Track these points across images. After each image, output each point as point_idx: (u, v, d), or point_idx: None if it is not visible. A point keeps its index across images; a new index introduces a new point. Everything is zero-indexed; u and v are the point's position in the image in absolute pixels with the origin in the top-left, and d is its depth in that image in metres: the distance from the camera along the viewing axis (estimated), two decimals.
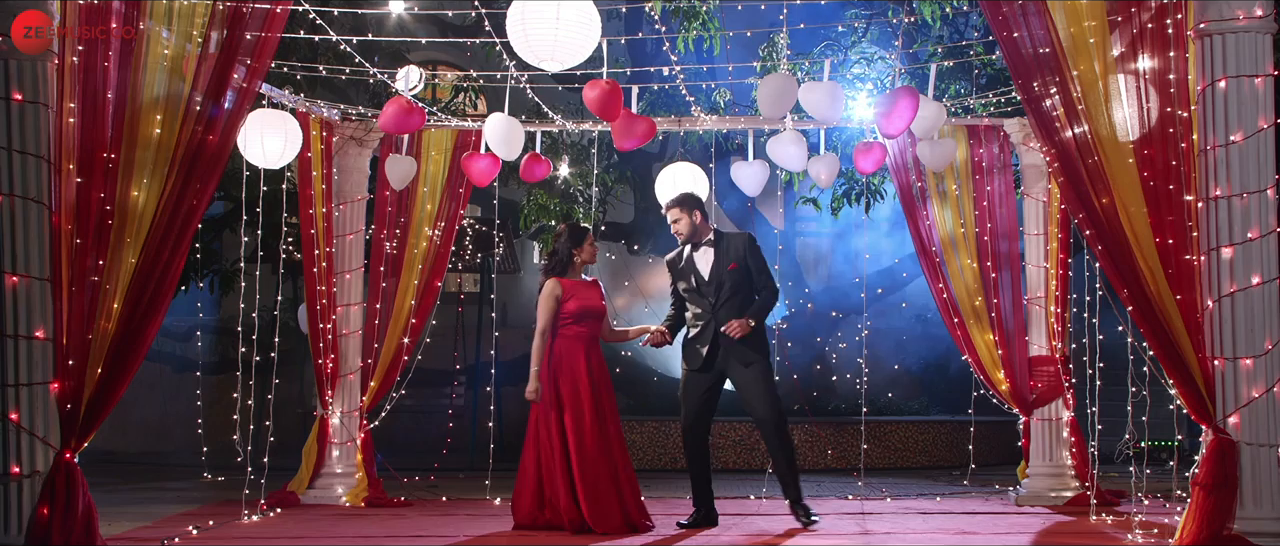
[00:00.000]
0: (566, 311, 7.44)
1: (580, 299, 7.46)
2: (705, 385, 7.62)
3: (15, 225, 5.71)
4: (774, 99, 7.76)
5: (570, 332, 7.44)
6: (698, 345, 7.60)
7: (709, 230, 7.72)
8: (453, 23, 14.77)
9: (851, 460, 11.85)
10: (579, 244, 7.55)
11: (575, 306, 7.44)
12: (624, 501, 7.30)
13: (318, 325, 9.02)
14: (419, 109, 7.85)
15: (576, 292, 7.48)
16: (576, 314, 7.44)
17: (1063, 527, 7.82)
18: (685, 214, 7.67)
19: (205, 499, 9.52)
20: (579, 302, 7.45)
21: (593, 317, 7.49)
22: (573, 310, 7.44)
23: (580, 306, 7.45)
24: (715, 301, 7.55)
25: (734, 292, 7.54)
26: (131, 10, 6.00)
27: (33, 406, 5.72)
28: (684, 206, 7.71)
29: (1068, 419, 9.11)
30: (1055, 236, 9.09)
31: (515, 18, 6.64)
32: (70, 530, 5.72)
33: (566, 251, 7.54)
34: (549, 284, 7.50)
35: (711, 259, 7.62)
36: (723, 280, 7.55)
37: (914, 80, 10.16)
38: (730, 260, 7.57)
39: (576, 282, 7.55)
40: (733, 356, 7.52)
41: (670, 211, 7.75)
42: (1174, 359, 6.16)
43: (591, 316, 7.48)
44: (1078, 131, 6.31)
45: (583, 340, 7.43)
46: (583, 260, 7.57)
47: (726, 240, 7.68)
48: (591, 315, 7.48)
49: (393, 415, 9.72)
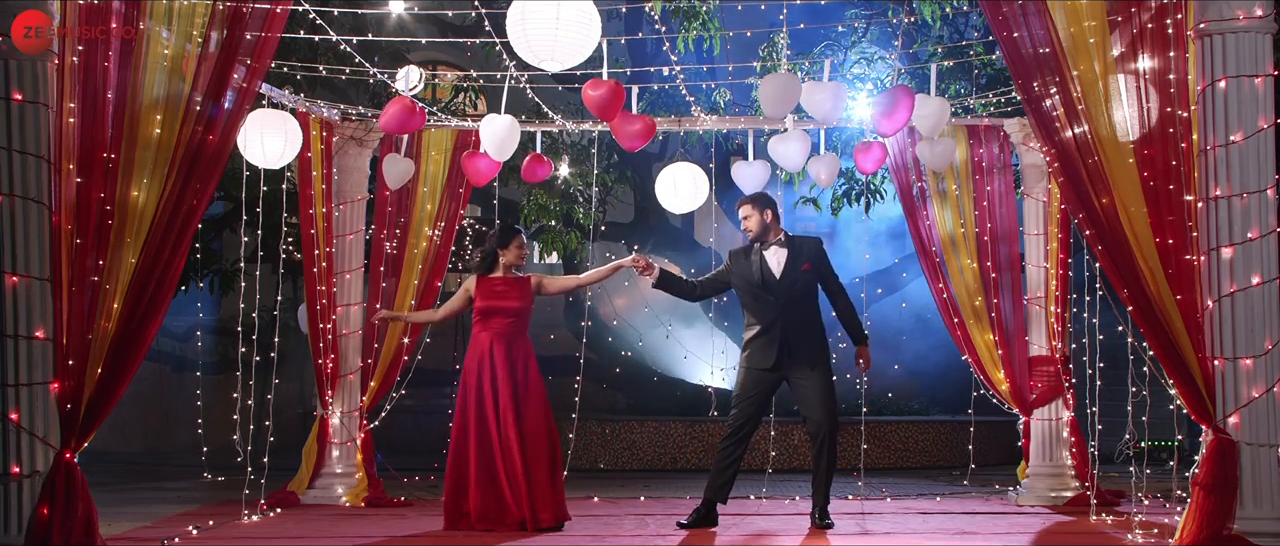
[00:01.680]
0: (476, 308, 7.64)
1: (490, 297, 7.59)
2: (768, 384, 7.61)
3: (15, 225, 5.70)
4: (776, 98, 7.76)
5: (479, 327, 7.61)
6: (764, 343, 7.56)
7: (780, 230, 7.70)
8: (453, 23, 14.76)
9: (851, 460, 11.83)
10: (505, 244, 7.69)
11: (483, 304, 7.60)
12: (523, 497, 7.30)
13: (318, 325, 9.02)
14: (419, 109, 7.85)
15: (490, 290, 7.60)
16: (484, 311, 7.60)
17: (1063, 527, 7.82)
18: (757, 211, 7.66)
19: (205, 499, 9.52)
20: (487, 300, 7.59)
21: (502, 314, 7.58)
22: (481, 307, 7.62)
23: (487, 304, 7.59)
24: (785, 300, 7.54)
25: (805, 293, 7.58)
26: (131, 10, 5.99)
27: (33, 406, 5.72)
28: (756, 204, 7.71)
29: (1068, 419, 9.11)
30: (1055, 236, 9.09)
31: (515, 18, 6.63)
32: (70, 530, 5.71)
33: (492, 250, 7.70)
34: (467, 280, 7.75)
35: (784, 258, 7.59)
36: (795, 279, 7.56)
37: (914, 80, 10.16)
38: (804, 261, 7.58)
39: (496, 279, 7.65)
40: (799, 358, 7.51)
41: (742, 208, 7.73)
42: (1174, 359, 6.16)
43: (500, 314, 7.58)
44: (1078, 131, 6.31)
45: (491, 334, 7.55)
46: (507, 261, 7.68)
47: (798, 242, 7.67)
48: (500, 313, 7.58)
49: (393, 415, 9.72)
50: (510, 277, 7.68)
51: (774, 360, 7.51)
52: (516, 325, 7.60)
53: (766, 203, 7.74)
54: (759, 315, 7.60)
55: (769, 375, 7.57)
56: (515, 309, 7.60)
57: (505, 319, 7.58)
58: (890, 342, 15.76)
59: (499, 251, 7.68)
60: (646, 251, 16.55)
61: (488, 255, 7.71)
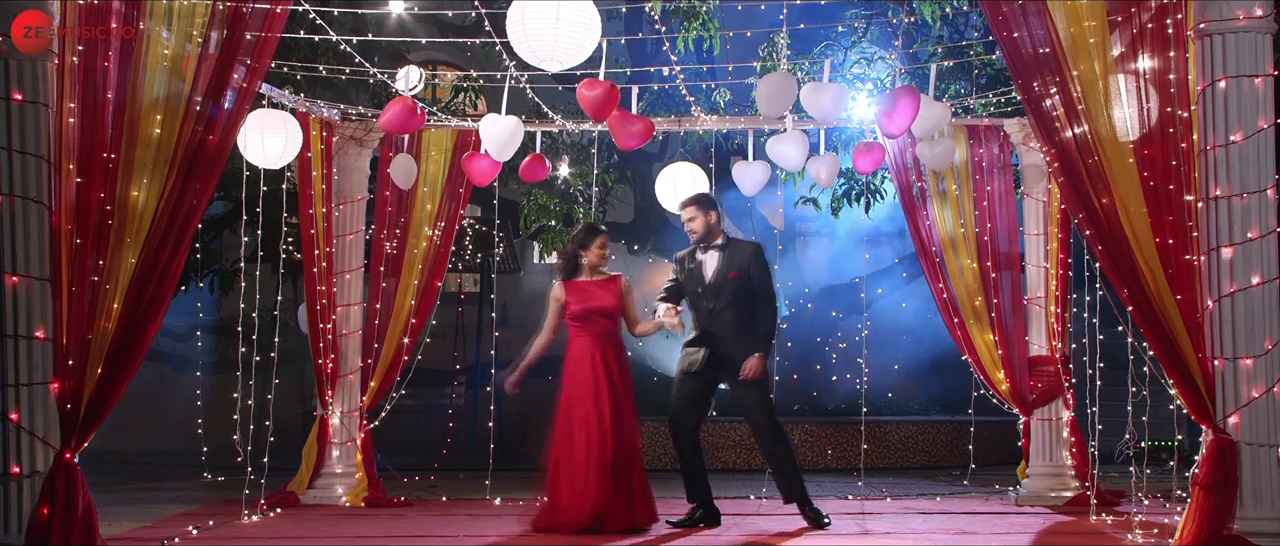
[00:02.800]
0: (570, 314, 7.47)
1: (583, 300, 7.46)
2: (697, 387, 7.61)
3: (15, 225, 5.70)
4: (773, 98, 7.76)
5: (577, 333, 7.45)
6: (694, 349, 7.58)
7: (721, 233, 7.69)
8: (453, 23, 14.75)
9: (851, 460, 11.84)
10: (587, 245, 7.56)
11: (577, 308, 7.46)
12: (631, 501, 7.28)
13: (318, 325, 9.02)
14: (420, 109, 7.85)
15: (580, 294, 7.48)
16: (579, 315, 7.45)
17: (1063, 527, 7.82)
18: (701, 213, 7.65)
19: (205, 499, 9.52)
20: (581, 303, 7.45)
21: (600, 315, 7.45)
22: (576, 311, 7.46)
23: (582, 307, 7.45)
24: (713, 307, 7.54)
25: (733, 301, 7.51)
26: (131, 10, 5.99)
27: (33, 406, 5.72)
28: (701, 205, 7.69)
29: (1068, 419, 9.11)
30: (1055, 236, 9.09)
31: (515, 18, 6.64)
32: (70, 530, 5.71)
33: (574, 253, 7.58)
34: (553, 288, 7.59)
35: (716, 264, 7.59)
36: (722, 287, 7.52)
37: (914, 80, 10.16)
38: (734, 267, 7.53)
39: (583, 283, 7.53)
40: (733, 361, 7.49)
41: (685, 210, 7.72)
42: (1174, 359, 6.16)
43: (598, 315, 7.45)
44: (1078, 131, 6.31)
45: (594, 339, 7.41)
46: (589, 262, 7.56)
47: (734, 246, 7.64)
48: (597, 314, 7.45)
49: (393, 415, 9.72)
50: (598, 278, 7.57)
51: (705, 363, 7.52)
52: (614, 326, 7.48)
53: (710, 204, 7.74)
54: (697, 317, 7.64)
55: (701, 378, 7.58)
56: (609, 308, 7.47)
57: (603, 320, 7.45)
58: (890, 343, 15.75)
59: (580, 253, 7.56)
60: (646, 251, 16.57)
61: (570, 258, 7.58)
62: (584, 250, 7.56)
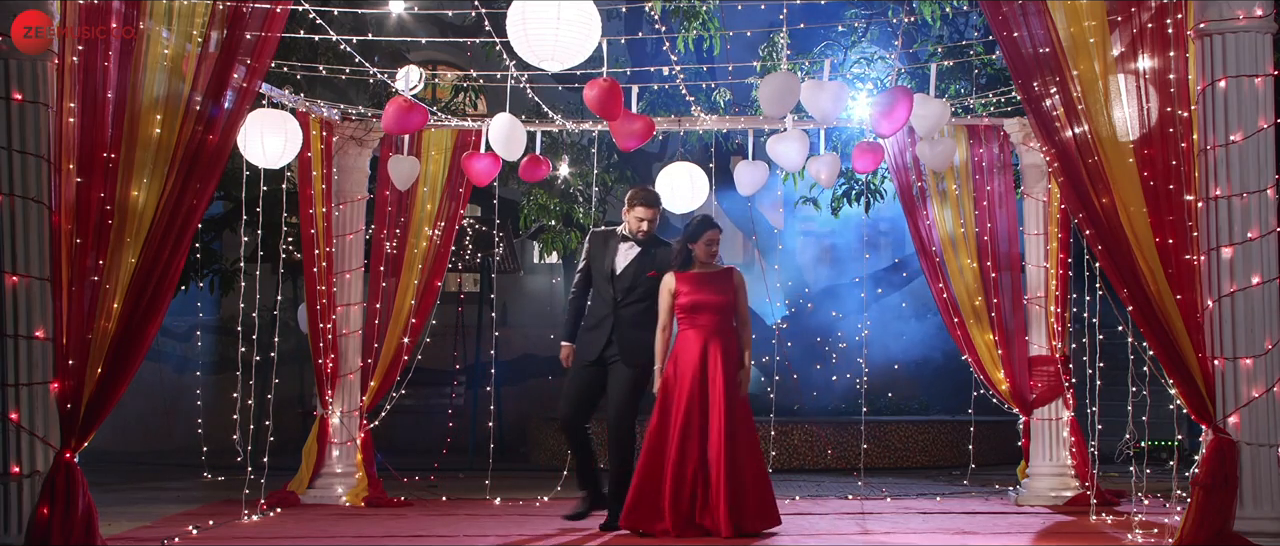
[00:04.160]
0: (679, 305, 7.43)
1: (693, 292, 7.40)
2: (590, 379, 7.65)
3: (15, 225, 5.70)
4: (776, 97, 7.75)
5: (686, 324, 7.42)
6: (594, 337, 7.63)
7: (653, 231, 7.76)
8: (453, 23, 14.76)
9: (851, 460, 11.84)
10: (696, 238, 7.49)
11: (687, 299, 7.41)
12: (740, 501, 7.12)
13: (318, 325, 9.02)
14: (421, 109, 7.85)
15: (692, 285, 7.43)
16: (688, 307, 7.40)
17: (1063, 527, 7.83)
18: (657, 211, 7.74)
19: (205, 499, 9.52)
20: (691, 295, 7.40)
21: (709, 310, 7.38)
22: (685, 303, 7.41)
23: (691, 299, 7.39)
24: (620, 299, 7.59)
25: (644, 298, 7.58)
26: (131, 10, 5.99)
27: (33, 406, 5.72)
28: (657, 205, 7.78)
29: (1068, 419, 9.10)
30: (1055, 236, 9.09)
31: (515, 17, 6.63)
32: (70, 530, 5.71)
33: (684, 246, 7.51)
34: (665, 278, 7.51)
35: (635, 256, 7.65)
36: (636, 284, 7.59)
37: (914, 80, 10.16)
38: (653, 266, 7.60)
39: (696, 274, 7.46)
40: (620, 356, 7.55)
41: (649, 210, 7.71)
42: (1174, 359, 6.16)
43: (707, 309, 7.37)
44: (1078, 131, 6.31)
45: (703, 332, 7.34)
46: (700, 255, 7.50)
47: (658, 246, 7.70)
48: (707, 308, 7.38)
49: (393, 415, 9.72)
50: (709, 270, 7.50)
51: (598, 354, 7.58)
52: (724, 320, 7.39)
53: (660, 202, 7.87)
54: (597, 306, 7.69)
55: (590, 370, 7.64)
56: (719, 303, 7.39)
57: (712, 314, 7.37)
58: (890, 343, 15.75)
59: (690, 246, 7.48)
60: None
61: (681, 251, 7.51)
62: (693, 243, 7.51)
